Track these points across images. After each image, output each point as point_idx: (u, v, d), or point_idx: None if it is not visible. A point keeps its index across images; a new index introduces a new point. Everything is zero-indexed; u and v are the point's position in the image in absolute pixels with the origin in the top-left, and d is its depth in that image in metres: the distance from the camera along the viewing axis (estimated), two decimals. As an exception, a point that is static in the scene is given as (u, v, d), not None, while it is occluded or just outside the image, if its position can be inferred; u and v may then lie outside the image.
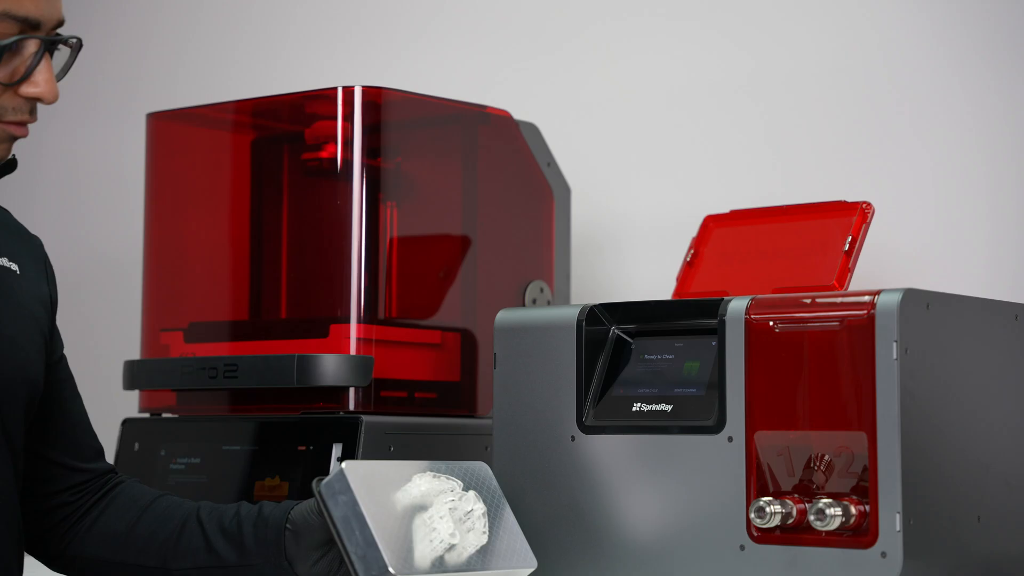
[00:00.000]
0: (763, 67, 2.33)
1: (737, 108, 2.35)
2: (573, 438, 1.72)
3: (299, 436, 1.91)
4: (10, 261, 1.58)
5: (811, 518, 1.54)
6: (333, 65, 2.70)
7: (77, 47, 1.51)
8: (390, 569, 1.50)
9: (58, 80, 1.50)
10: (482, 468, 1.67)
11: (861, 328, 1.54)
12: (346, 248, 1.97)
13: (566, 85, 2.50)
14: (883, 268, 2.15)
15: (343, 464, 1.54)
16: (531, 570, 1.65)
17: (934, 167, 2.18)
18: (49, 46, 1.47)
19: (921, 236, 2.18)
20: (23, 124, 1.49)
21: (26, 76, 1.46)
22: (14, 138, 1.49)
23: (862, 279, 2.01)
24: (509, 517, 1.65)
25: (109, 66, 1.56)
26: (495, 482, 1.67)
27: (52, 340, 1.65)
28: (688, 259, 1.99)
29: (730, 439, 1.61)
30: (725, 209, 2.05)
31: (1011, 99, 2.14)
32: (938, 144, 2.19)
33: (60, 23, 1.49)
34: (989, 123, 2.15)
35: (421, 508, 1.57)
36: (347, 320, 1.95)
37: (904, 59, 2.23)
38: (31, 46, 1.46)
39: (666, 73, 2.42)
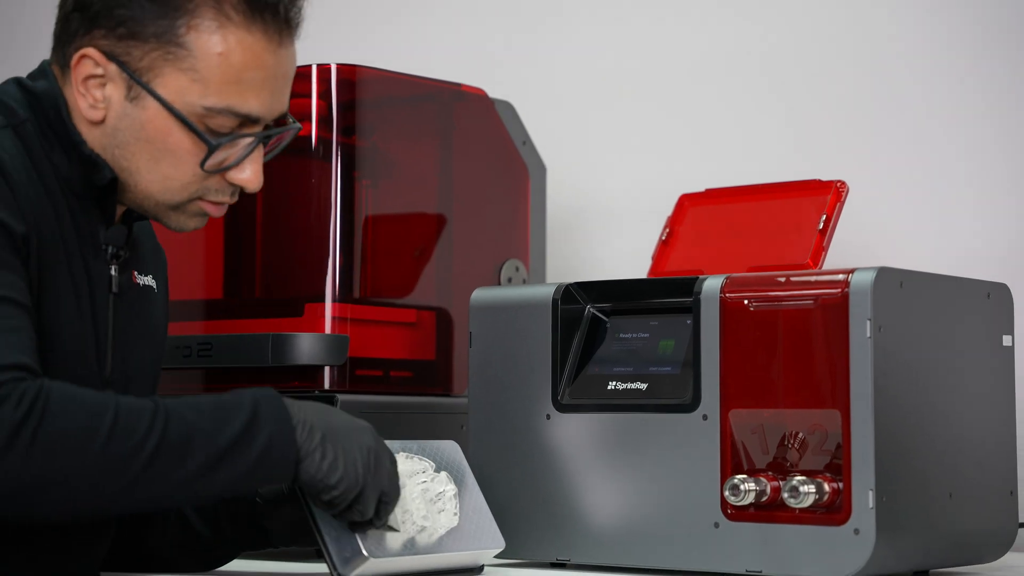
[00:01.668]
0: (740, 47, 2.33)
1: (713, 87, 2.35)
2: (548, 416, 1.72)
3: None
4: (153, 279, 1.62)
5: (785, 495, 1.55)
6: (307, 43, 2.68)
7: (295, 133, 1.55)
8: (363, 551, 1.50)
9: (267, 159, 1.53)
10: (451, 447, 1.67)
11: (835, 306, 1.55)
12: (321, 227, 1.96)
13: (542, 64, 2.50)
14: (857, 247, 2.15)
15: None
16: (498, 550, 1.65)
17: (909, 146, 2.19)
18: (264, 139, 1.51)
19: (895, 215, 2.19)
20: (221, 204, 1.52)
21: (235, 164, 1.49)
22: (207, 215, 1.53)
23: (836, 258, 2.02)
24: (477, 496, 1.65)
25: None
26: (464, 461, 1.67)
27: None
28: (663, 238, 1.99)
29: (704, 417, 1.62)
30: (700, 188, 2.06)
31: (987, 80, 2.15)
32: (913, 123, 2.19)
33: (283, 115, 1.52)
34: (965, 104, 2.16)
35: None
36: (322, 299, 1.94)
37: (882, 39, 2.23)
38: (247, 138, 1.49)
39: (642, 53, 2.41)
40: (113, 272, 1.53)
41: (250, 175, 1.51)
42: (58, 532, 1.51)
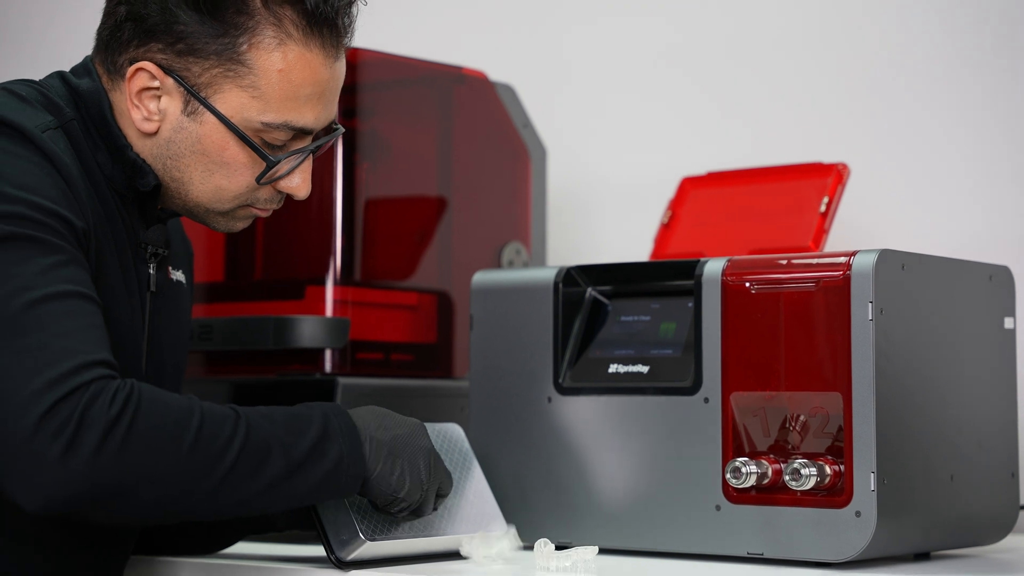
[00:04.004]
0: (741, 29, 2.33)
1: (715, 70, 2.35)
2: (550, 399, 1.72)
3: (275, 398, 1.91)
4: (182, 274, 1.64)
5: (786, 478, 1.55)
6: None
7: (339, 136, 1.58)
8: (360, 535, 1.50)
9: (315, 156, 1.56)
10: (454, 429, 1.67)
11: (836, 289, 1.55)
12: (322, 209, 1.96)
13: (543, 47, 2.49)
14: (858, 229, 2.15)
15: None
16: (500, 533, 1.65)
17: (910, 129, 2.19)
18: (315, 150, 1.53)
19: (896, 197, 2.18)
20: (268, 209, 1.56)
21: (286, 174, 1.52)
22: (254, 217, 1.56)
23: (837, 240, 2.02)
24: (480, 479, 1.66)
25: (88, 22, 1.56)
26: (467, 443, 1.67)
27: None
28: (665, 221, 1.99)
29: (706, 400, 1.61)
30: (702, 171, 2.05)
31: (989, 64, 2.14)
32: (914, 106, 2.19)
33: (329, 123, 1.55)
34: (967, 87, 2.16)
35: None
36: (323, 282, 1.94)
37: (886, 22, 2.23)
38: (294, 154, 1.52)
39: (643, 35, 2.41)
40: (151, 271, 1.54)
41: (300, 183, 1.53)
42: (82, 534, 1.51)
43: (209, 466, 1.34)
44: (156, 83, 1.48)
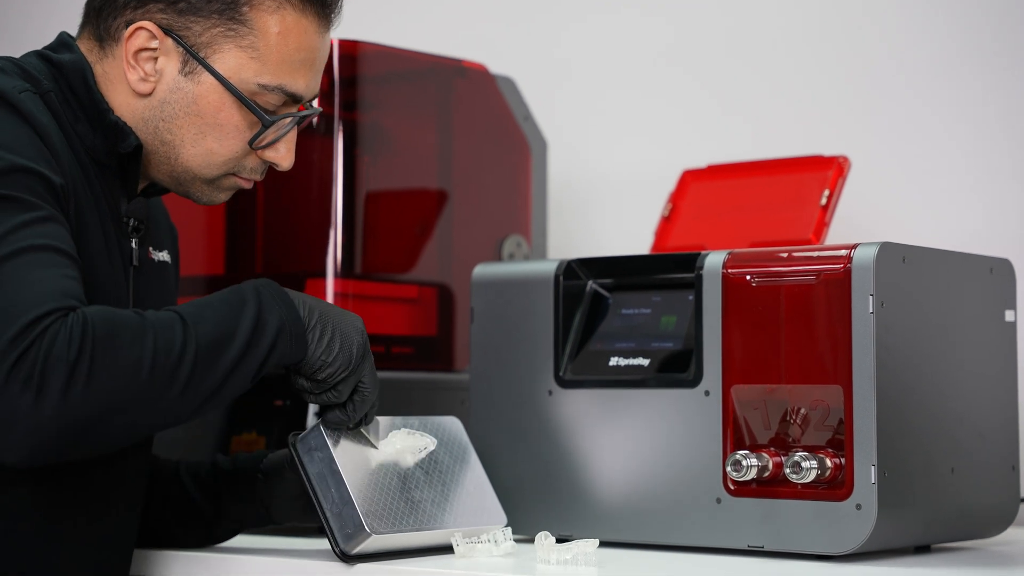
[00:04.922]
0: (742, 25, 2.33)
1: (717, 64, 2.34)
2: (550, 392, 1.72)
3: (275, 391, 1.91)
4: (167, 254, 1.65)
5: (787, 471, 1.55)
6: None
7: (317, 116, 1.62)
8: (365, 528, 1.50)
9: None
10: (453, 423, 1.67)
11: (837, 282, 1.55)
12: (323, 202, 1.96)
13: (544, 39, 2.49)
14: (859, 222, 2.15)
15: (320, 421, 1.54)
16: (500, 526, 1.65)
17: (911, 121, 2.19)
18: (299, 121, 1.55)
19: (897, 190, 2.18)
20: (251, 180, 1.57)
21: (273, 142, 1.54)
22: (236, 188, 1.57)
23: (838, 233, 2.02)
24: (479, 472, 1.66)
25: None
26: (465, 437, 1.67)
27: None
28: (666, 213, 1.99)
29: (707, 393, 1.61)
30: (702, 164, 2.05)
31: (990, 57, 2.14)
32: (915, 99, 2.19)
33: (315, 96, 1.58)
34: (966, 80, 2.15)
35: (395, 465, 1.57)
36: (324, 274, 1.94)
37: (887, 15, 2.22)
38: (286, 118, 1.54)
39: (644, 31, 2.41)
40: (134, 246, 1.55)
41: (285, 152, 1.55)
42: (86, 533, 1.51)
43: (170, 377, 1.36)
44: (155, 43, 1.50)
